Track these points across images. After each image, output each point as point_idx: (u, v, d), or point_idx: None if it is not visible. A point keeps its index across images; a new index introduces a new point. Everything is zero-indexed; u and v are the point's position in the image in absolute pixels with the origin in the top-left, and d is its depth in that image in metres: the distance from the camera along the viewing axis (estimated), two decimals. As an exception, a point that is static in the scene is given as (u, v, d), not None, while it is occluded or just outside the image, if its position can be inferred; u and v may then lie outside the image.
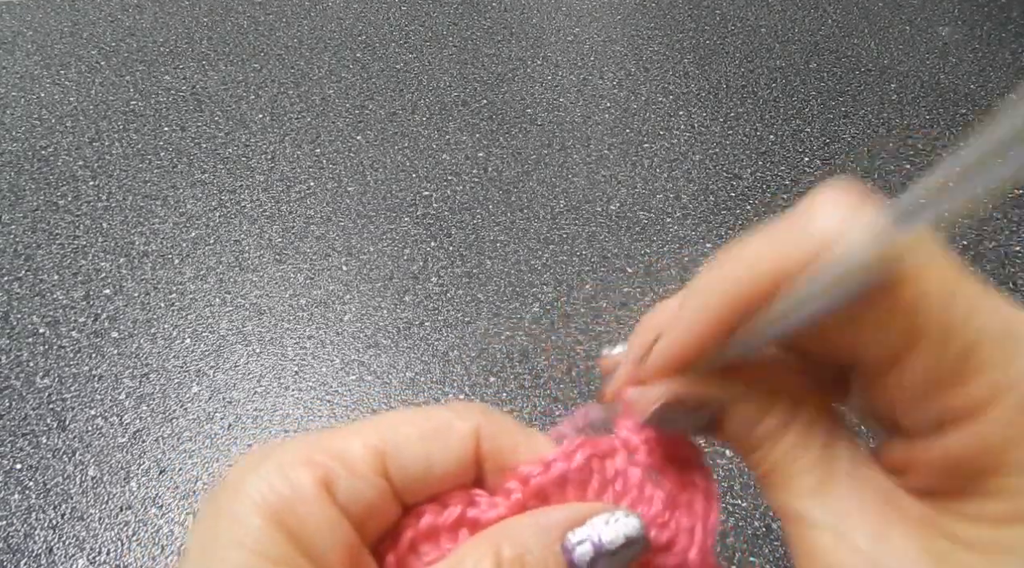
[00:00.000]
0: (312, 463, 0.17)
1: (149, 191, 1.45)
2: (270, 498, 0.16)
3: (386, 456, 0.18)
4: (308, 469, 0.17)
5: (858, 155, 1.57)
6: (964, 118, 1.66)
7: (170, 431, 1.07)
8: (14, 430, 1.07)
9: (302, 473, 0.17)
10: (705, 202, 1.45)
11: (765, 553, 0.95)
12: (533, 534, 0.18)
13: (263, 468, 0.17)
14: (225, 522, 0.16)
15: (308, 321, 1.22)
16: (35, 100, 1.66)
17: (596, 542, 0.18)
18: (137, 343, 1.18)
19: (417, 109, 1.67)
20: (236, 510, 0.16)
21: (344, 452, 0.17)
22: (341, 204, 1.43)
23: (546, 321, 1.22)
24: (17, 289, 1.26)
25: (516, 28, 1.96)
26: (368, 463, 0.17)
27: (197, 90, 1.71)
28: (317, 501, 0.16)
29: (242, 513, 0.16)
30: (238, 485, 0.16)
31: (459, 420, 0.19)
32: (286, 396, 1.12)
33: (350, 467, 0.17)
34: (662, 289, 1.28)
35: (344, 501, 0.17)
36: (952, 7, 2.07)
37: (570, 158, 1.54)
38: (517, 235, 1.37)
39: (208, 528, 0.16)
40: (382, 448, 0.18)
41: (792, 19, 2.03)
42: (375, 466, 0.18)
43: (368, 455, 0.18)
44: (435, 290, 1.27)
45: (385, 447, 0.18)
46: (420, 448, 0.18)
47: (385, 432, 0.18)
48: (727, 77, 1.80)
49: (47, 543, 0.95)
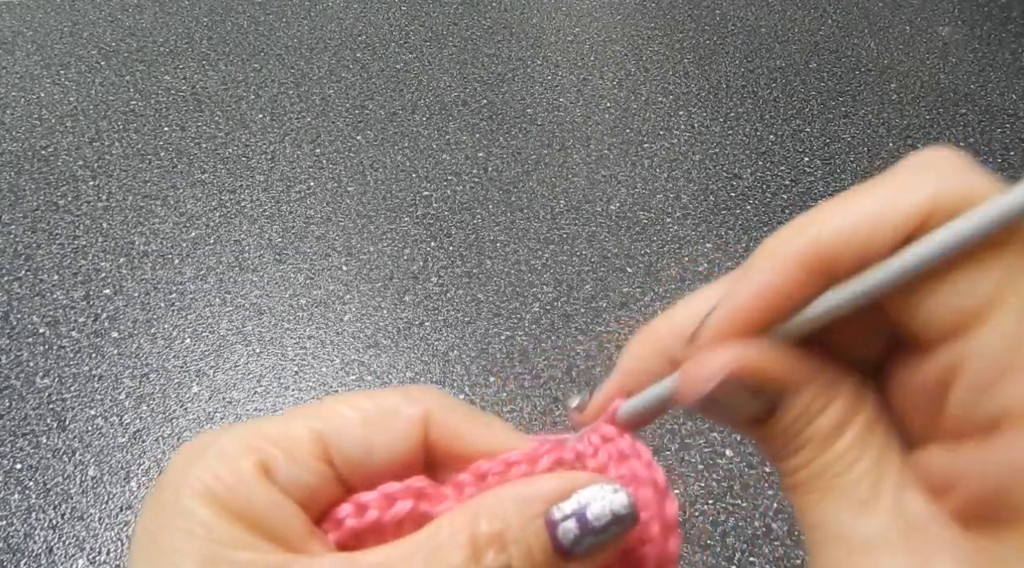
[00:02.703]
0: (251, 449, 0.17)
1: (149, 191, 1.45)
2: (214, 486, 0.16)
3: (327, 441, 0.17)
4: (248, 455, 0.17)
5: (858, 155, 1.57)
6: (964, 118, 1.66)
7: (170, 431, 1.07)
8: (14, 430, 1.07)
9: (242, 460, 0.16)
10: (705, 202, 1.45)
11: (765, 553, 0.95)
12: (514, 505, 0.17)
13: (204, 458, 0.17)
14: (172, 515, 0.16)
15: (308, 321, 1.22)
16: (35, 100, 1.66)
17: (582, 517, 0.17)
18: (137, 343, 1.18)
19: (417, 109, 1.67)
20: (182, 502, 0.16)
21: (284, 437, 0.17)
22: (341, 204, 1.43)
23: (546, 321, 1.22)
24: (17, 289, 1.26)
25: (516, 28, 1.97)
26: (308, 448, 0.17)
27: (197, 90, 1.71)
28: (259, 484, 0.16)
29: (188, 504, 0.16)
30: (180, 477, 0.16)
31: (406, 404, 0.18)
32: (286, 396, 1.12)
33: (289, 452, 0.17)
34: (662, 289, 1.28)
35: (284, 484, 0.17)
36: (952, 7, 2.07)
37: (570, 158, 1.54)
38: (517, 235, 1.37)
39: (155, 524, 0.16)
40: (323, 433, 0.18)
41: (792, 19, 2.03)
42: (315, 451, 0.17)
43: (309, 440, 0.17)
44: (435, 290, 1.27)
45: (326, 431, 0.18)
46: (362, 433, 0.18)
47: (328, 416, 0.18)
48: (727, 77, 1.80)
49: (47, 543, 0.95)
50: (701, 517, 0.98)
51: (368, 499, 0.18)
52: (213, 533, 0.15)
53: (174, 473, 0.17)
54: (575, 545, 0.17)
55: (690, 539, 0.95)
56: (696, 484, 1.00)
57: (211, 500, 0.16)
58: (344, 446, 0.18)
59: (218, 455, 0.17)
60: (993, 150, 1.58)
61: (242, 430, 0.17)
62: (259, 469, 0.17)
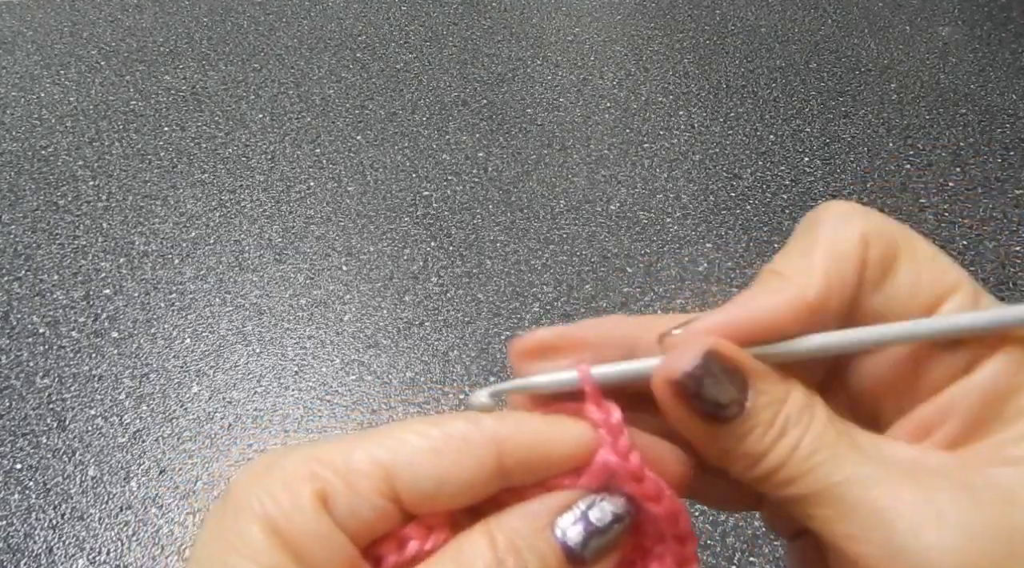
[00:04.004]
0: (313, 477, 0.17)
1: (149, 191, 1.45)
2: (270, 510, 0.17)
3: (394, 473, 0.17)
4: (308, 483, 0.17)
5: (858, 155, 1.57)
6: (964, 118, 1.66)
7: (170, 431, 1.07)
8: (14, 430, 1.07)
9: (302, 487, 0.17)
10: (705, 202, 1.45)
11: (765, 553, 0.95)
12: (521, 520, 0.18)
13: (265, 481, 0.17)
14: (226, 533, 0.17)
15: (308, 321, 1.22)
16: (35, 100, 1.66)
17: (586, 521, 0.18)
18: (137, 343, 1.18)
19: (417, 109, 1.67)
20: (238, 522, 0.17)
21: (348, 466, 0.17)
22: (341, 204, 1.43)
23: (546, 321, 1.22)
24: (17, 289, 1.26)
25: (516, 28, 1.97)
26: (371, 481, 0.17)
27: (197, 90, 1.71)
28: (314, 514, 0.17)
29: (243, 524, 0.17)
30: (241, 497, 0.17)
31: (476, 430, 0.18)
32: (286, 396, 1.12)
33: (351, 484, 0.17)
34: (662, 289, 1.28)
35: (341, 517, 0.17)
36: (952, 7, 2.07)
37: (570, 158, 1.54)
38: (517, 235, 1.37)
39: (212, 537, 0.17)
40: (389, 464, 0.17)
41: (792, 19, 2.03)
42: (379, 485, 0.17)
43: (373, 471, 0.17)
44: (435, 290, 1.27)
45: (393, 462, 0.17)
46: (431, 463, 0.17)
47: (394, 445, 0.18)
48: (727, 77, 1.80)
49: (47, 543, 0.95)
50: (701, 517, 0.98)
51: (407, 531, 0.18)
52: (257, 555, 0.16)
53: (238, 491, 0.17)
54: (584, 548, 0.18)
55: (690, 539, 0.95)
56: (696, 484, 1.00)
57: (264, 523, 0.16)
58: (413, 478, 0.17)
59: (280, 479, 0.17)
60: (993, 150, 1.58)
61: (305, 454, 0.18)
62: (317, 499, 0.17)
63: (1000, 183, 1.49)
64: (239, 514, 0.17)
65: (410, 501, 0.17)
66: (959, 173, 1.52)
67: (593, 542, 0.18)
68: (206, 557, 0.17)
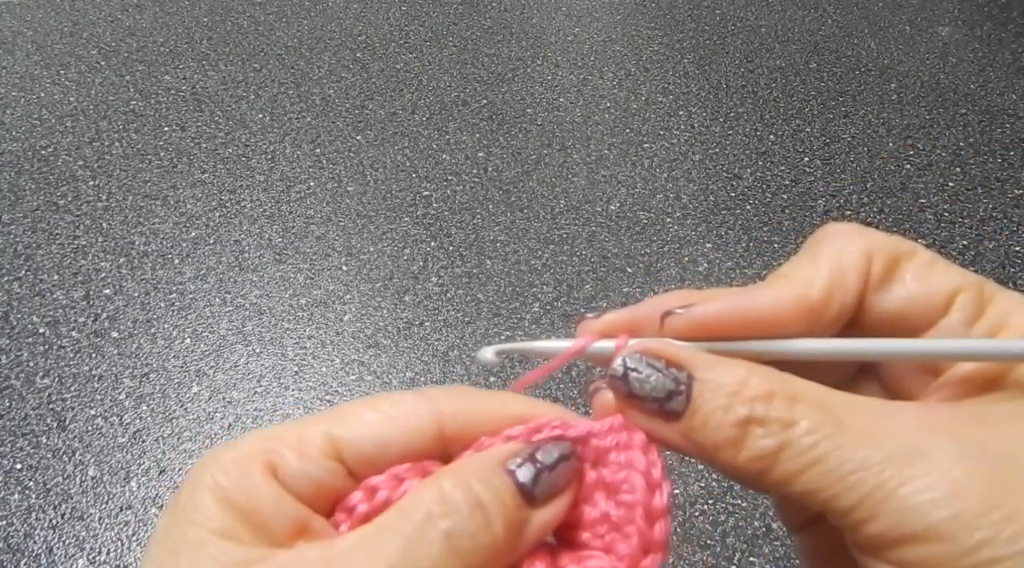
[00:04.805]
0: (262, 450, 0.19)
1: (149, 191, 1.45)
2: (221, 481, 0.18)
3: (340, 440, 0.19)
4: (258, 456, 0.18)
5: (858, 155, 1.57)
6: (964, 118, 1.66)
7: (170, 431, 1.07)
8: (14, 430, 1.07)
9: (253, 459, 0.18)
10: (705, 202, 1.45)
11: (765, 553, 0.95)
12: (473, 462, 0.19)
13: (220, 458, 0.19)
14: (182, 506, 0.18)
15: (308, 321, 1.22)
16: (35, 100, 1.66)
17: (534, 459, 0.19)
18: (137, 343, 1.18)
19: (417, 109, 1.67)
20: (192, 496, 0.18)
21: (296, 438, 0.19)
22: (341, 204, 1.43)
23: (546, 321, 1.22)
24: (17, 289, 1.26)
25: (516, 28, 1.97)
26: (319, 447, 0.19)
27: (197, 90, 1.71)
28: (262, 480, 0.18)
29: (197, 497, 0.18)
30: (196, 474, 0.19)
31: (420, 401, 0.20)
32: (286, 396, 1.12)
33: (300, 451, 0.19)
34: (662, 289, 1.28)
35: (289, 480, 0.18)
36: (952, 7, 2.07)
37: (570, 158, 1.54)
38: (517, 235, 1.37)
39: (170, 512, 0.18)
40: (337, 433, 0.19)
41: (792, 19, 2.03)
42: (326, 449, 0.19)
43: (322, 440, 0.19)
44: (435, 290, 1.27)
45: (341, 432, 0.19)
46: (375, 429, 0.19)
47: (342, 418, 0.20)
48: (727, 77, 1.80)
49: (47, 543, 0.95)
50: (701, 517, 0.98)
51: (377, 481, 0.19)
52: (210, 522, 0.17)
53: (194, 470, 0.19)
54: (534, 485, 0.19)
55: (690, 539, 0.95)
56: (696, 484, 1.00)
57: (217, 493, 0.18)
58: (356, 443, 0.19)
59: (232, 456, 0.19)
60: (993, 150, 1.58)
61: (260, 434, 0.19)
62: (265, 468, 0.18)
63: (1000, 183, 1.49)
64: (194, 489, 0.18)
65: (356, 464, 0.19)
66: (959, 173, 1.52)
67: (543, 478, 0.19)
68: (164, 531, 0.18)
